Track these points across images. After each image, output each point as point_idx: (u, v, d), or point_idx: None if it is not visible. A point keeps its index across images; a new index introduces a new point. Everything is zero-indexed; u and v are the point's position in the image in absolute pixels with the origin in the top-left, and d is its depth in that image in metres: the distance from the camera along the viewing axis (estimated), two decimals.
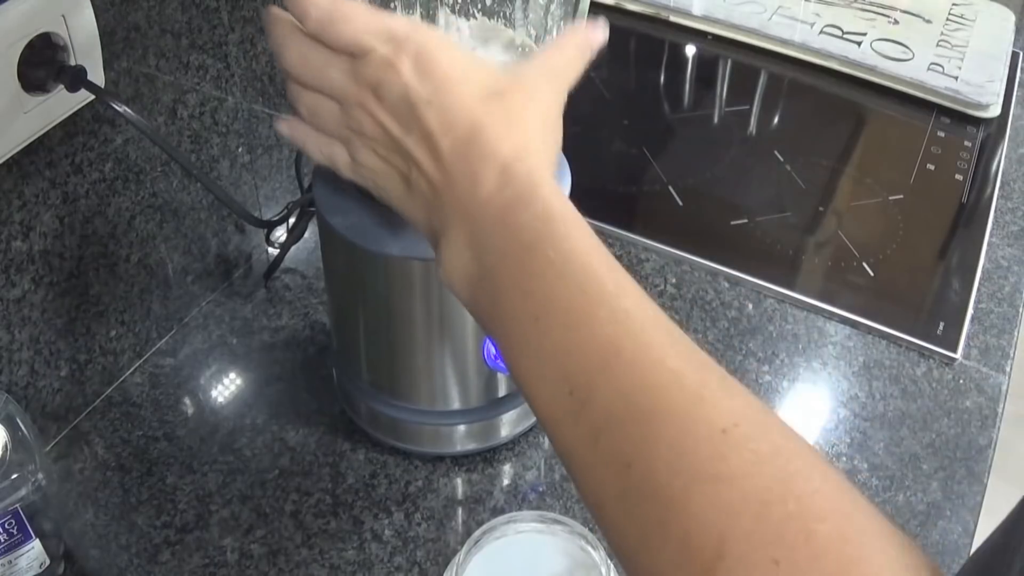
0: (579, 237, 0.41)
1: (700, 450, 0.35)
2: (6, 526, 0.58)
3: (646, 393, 0.36)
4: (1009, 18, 1.23)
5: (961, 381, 0.81)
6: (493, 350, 0.65)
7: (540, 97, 0.46)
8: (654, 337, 0.38)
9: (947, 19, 1.22)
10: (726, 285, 0.88)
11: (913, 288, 0.90)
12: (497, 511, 0.69)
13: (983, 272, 0.91)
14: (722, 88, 1.16)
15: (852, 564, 0.33)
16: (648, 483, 0.35)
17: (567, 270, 0.39)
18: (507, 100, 0.45)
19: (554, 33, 0.55)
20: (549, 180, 0.43)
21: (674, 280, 0.88)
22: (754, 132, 1.08)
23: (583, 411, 0.37)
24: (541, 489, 0.71)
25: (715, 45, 1.19)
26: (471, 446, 0.72)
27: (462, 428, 0.70)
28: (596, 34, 0.50)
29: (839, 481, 0.35)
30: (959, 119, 1.09)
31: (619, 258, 0.89)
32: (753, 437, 0.35)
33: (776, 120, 1.11)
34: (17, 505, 0.58)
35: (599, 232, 0.42)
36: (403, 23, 0.45)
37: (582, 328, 0.38)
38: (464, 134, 0.43)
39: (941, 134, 1.07)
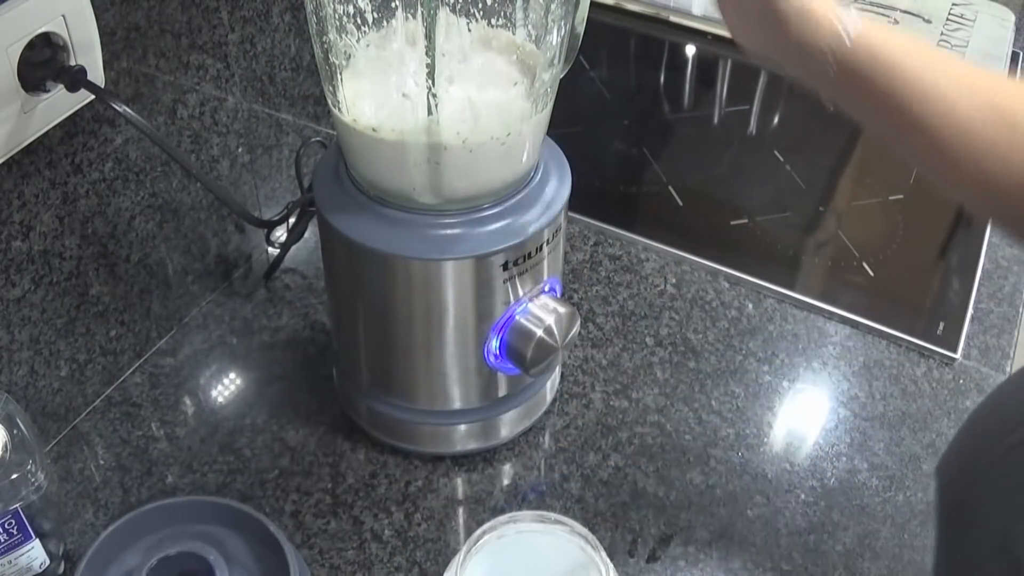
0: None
1: None
2: (6, 526, 0.58)
3: None
4: (1009, 18, 1.23)
5: (961, 381, 0.81)
6: (496, 346, 0.65)
7: None
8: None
9: (947, 19, 1.22)
10: (726, 285, 0.88)
11: (913, 288, 0.90)
12: (497, 511, 0.69)
13: (983, 272, 0.91)
14: (722, 88, 1.16)
15: None
16: None
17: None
18: None
19: (554, 34, 0.55)
20: None
21: (674, 280, 0.88)
22: (754, 132, 1.08)
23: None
24: (541, 489, 0.71)
25: (715, 45, 1.19)
26: (471, 446, 0.72)
27: (462, 428, 0.70)
28: None
29: None
30: None
31: (619, 258, 0.90)
32: None
33: (776, 120, 1.11)
34: (17, 505, 0.58)
35: (599, 232, 0.42)
36: None
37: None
38: None
39: None
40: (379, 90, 0.58)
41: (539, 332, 0.64)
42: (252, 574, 0.60)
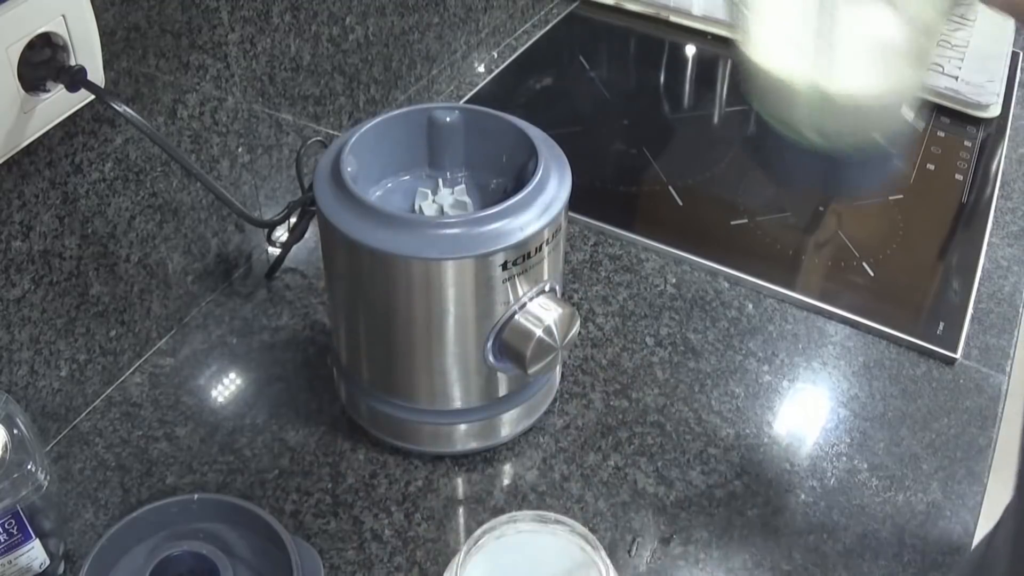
0: None
1: None
2: (6, 526, 0.58)
3: None
4: (1009, 18, 1.23)
5: (961, 381, 0.81)
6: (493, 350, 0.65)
7: None
8: None
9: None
10: (726, 285, 0.88)
11: (913, 288, 0.90)
12: (497, 511, 0.69)
13: (983, 272, 0.91)
14: (722, 88, 1.16)
15: None
16: None
17: None
18: None
19: None
20: None
21: (674, 280, 0.88)
22: (754, 132, 1.08)
23: None
24: (541, 489, 0.71)
25: (715, 45, 1.19)
26: (471, 446, 0.72)
27: (462, 428, 0.70)
28: None
29: None
30: (959, 119, 1.09)
31: (619, 258, 0.90)
32: None
33: None
34: (17, 505, 0.58)
35: (599, 232, 0.42)
36: None
37: None
38: None
39: (941, 134, 1.07)
40: None
41: (538, 332, 0.64)
42: (255, 570, 0.60)
